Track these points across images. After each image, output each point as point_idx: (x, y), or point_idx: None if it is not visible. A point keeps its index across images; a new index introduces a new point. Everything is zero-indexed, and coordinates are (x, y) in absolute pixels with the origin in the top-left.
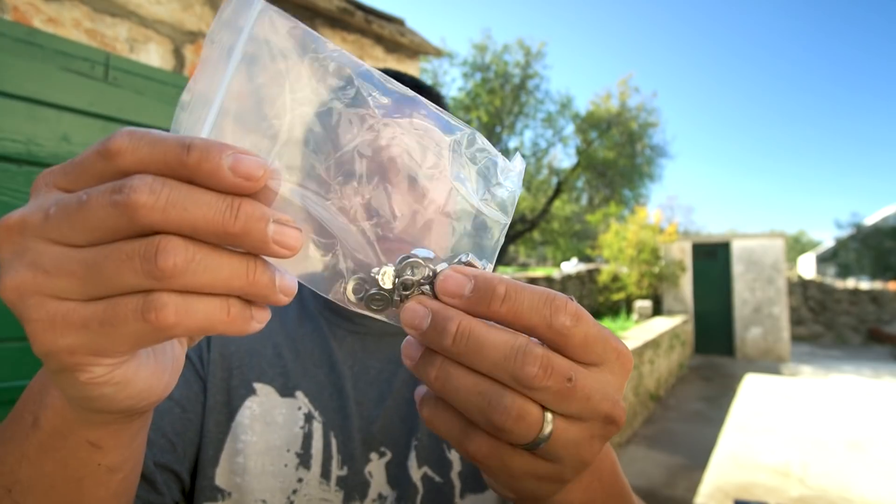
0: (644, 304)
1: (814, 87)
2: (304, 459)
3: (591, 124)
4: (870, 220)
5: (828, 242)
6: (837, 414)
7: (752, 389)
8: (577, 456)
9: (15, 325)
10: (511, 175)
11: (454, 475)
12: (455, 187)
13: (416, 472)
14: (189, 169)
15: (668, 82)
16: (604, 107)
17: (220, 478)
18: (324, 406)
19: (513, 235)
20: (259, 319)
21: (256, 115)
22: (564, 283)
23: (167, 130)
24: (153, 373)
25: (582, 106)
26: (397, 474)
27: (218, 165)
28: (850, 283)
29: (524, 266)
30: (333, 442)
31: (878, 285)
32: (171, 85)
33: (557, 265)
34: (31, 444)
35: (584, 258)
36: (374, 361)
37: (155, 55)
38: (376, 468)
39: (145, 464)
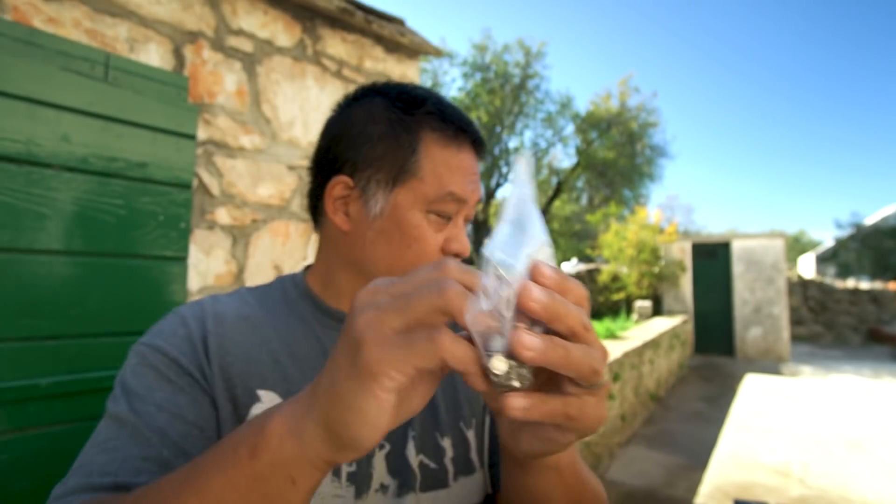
0: (644, 304)
1: (814, 87)
2: None
3: (591, 124)
4: (870, 220)
5: (828, 242)
6: (837, 414)
7: (752, 389)
8: (599, 413)
9: (15, 326)
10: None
11: (447, 461)
12: None
13: (414, 460)
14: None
15: (668, 82)
16: (604, 107)
17: None
18: None
19: None
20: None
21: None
22: None
23: (168, 130)
24: (394, 412)
25: (582, 106)
26: (397, 463)
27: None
28: (850, 283)
29: None
30: None
31: (878, 285)
32: (171, 85)
33: (557, 265)
34: (244, 475)
35: (584, 258)
36: None
37: (155, 55)
38: (378, 460)
39: None
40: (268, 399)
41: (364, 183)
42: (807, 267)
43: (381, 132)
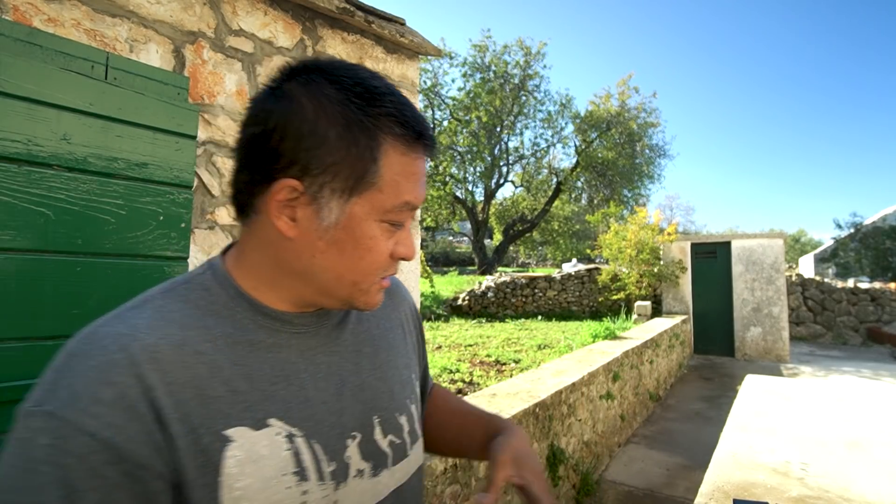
0: (644, 304)
1: (815, 87)
2: (301, 475)
3: (591, 124)
4: (870, 220)
5: (827, 242)
6: (837, 414)
7: (752, 389)
8: None
9: (15, 326)
10: None
11: (405, 434)
12: None
13: (383, 442)
14: None
15: (668, 82)
16: (604, 107)
17: None
18: (297, 420)
19: (513, 235)
20: None
21: None
22: (564, 283)
23: (168, 130)
24: None
25: (582, 106)
26: (368, 449)
27: None
28: (850, 282)
29: (524, 266)
30: (317, 447)
31: (877, 285)
32: (171, 85)
33: (557, 265)
34: None
35: (584, 258)
36: (322, 356)
37: (155, 55)
38: (352, 451)
39: None
40: (239, 436)
41: (316, 189)
42: (806, 267)
43: (338, 133)
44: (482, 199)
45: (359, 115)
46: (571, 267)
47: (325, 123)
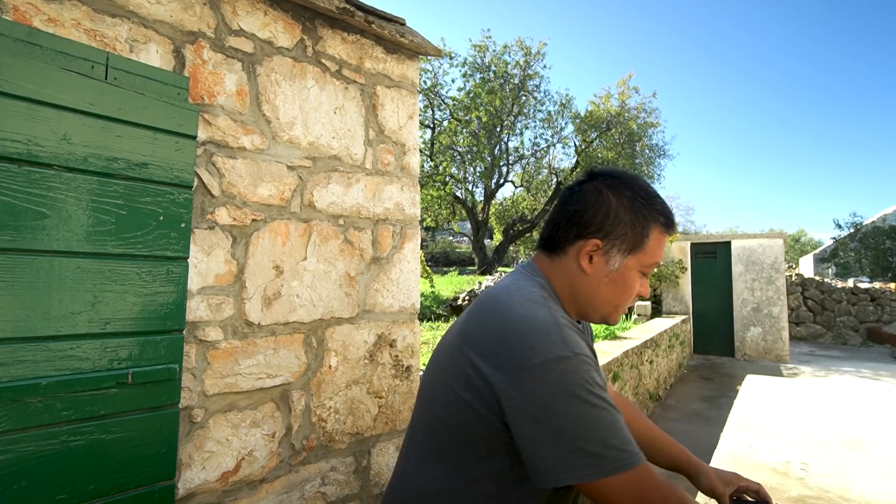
0: (644, 304)
1: (815, 87)
2: None
3: (591, 124)
4: (869, 220)
5: (828, 242)
6: (837, 414)
7: (752, 389)
8: None
9: (15, 326)
10: None
11: None
12: None
13: None
14: None
15: (668, 82)
16: (603, 107)
17: None
18: None
19: (513, 235)
20: None
21: None
22: None
23: (168, 130)
24: None
25: (582, 106)
26: None
27: None
28: (850, 282)
29: None
30: None
31: (877, 285)
32: (171, 85)
33: None
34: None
35: None
36: None
37: (155, 55)
38: None
39: None
40: None
41: (609, 247)
42: (806, 267)
43: (629, 218)
44: (482, 199)
45: (642, 209)
46: None
47: (622, 211)
